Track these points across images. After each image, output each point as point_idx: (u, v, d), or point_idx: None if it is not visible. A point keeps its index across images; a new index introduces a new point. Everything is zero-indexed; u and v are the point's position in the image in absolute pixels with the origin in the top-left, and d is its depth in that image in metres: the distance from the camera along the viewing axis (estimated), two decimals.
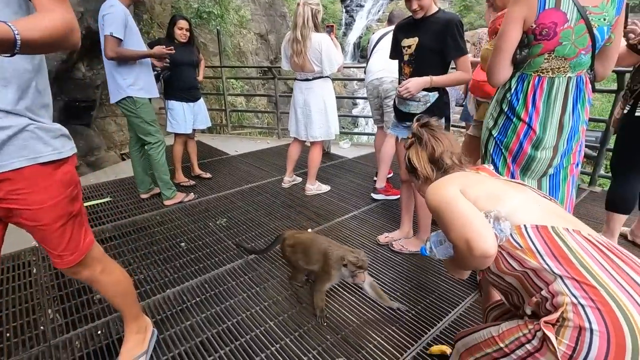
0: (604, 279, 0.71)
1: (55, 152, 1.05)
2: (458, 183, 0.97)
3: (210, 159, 4.35)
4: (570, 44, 1.38)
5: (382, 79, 2.95)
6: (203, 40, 8.31)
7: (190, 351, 1.58)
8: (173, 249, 2.40)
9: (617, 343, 0.65)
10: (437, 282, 2.03)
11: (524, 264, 0.83)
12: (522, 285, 0.86)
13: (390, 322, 1.73)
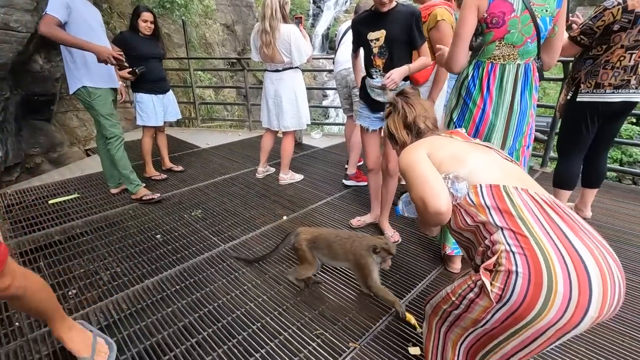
0: (536, 230, 0.83)
1: None
2: (427, 147, 1.07)
3: (181, 152, 4.30)
4: (518, 32, 1.55)
5: (350, 69, 3.04)
6: (167, 31, 8.05)
7: (174, 335, 1.63)
8: (149, 241, 2.40)
9: (535, 282, 0.78)
10: (405, 259, 2.19)
11: (475, 218, 0.95)
12: (475, 238, 0.98)
13: (363, 297, 1.86)
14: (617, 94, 2.12)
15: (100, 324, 1.69)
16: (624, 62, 2.05)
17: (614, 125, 2.28)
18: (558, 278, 0.76)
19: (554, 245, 0.80)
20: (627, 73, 2.07)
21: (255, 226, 2.58)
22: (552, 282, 0.76)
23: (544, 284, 0.77)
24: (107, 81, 2.64)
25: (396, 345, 1.57)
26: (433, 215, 0.94)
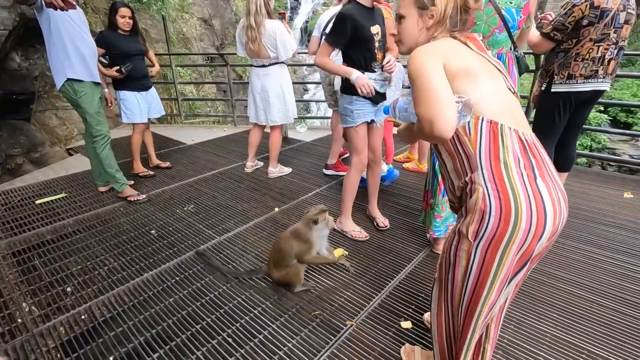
0: (514, 175, 0.94)
1: None
2: (443, 53, 0.98)
3: (167, 149, 4.29)
4: (484, 24, 1.68)
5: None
6: (144, 26, 7.86)
7: (178, 322, 1.70)
8: (143, 237, 2.44)
9: (505, 219, 0.92)
10: (394, 244, 2.32)
11: (464, 147, 0.99)
12: (454, 165, 1.03)
13: (356, 279, 1.98)
14: (587, 84, 2.29)
15: (105, 316, 1.74)
16: (592, 54, 2.22)
17: (583, 113, 2.46)
18: (523, 217, 0.91)
19: (525, 190, 0.93)
20: (595, 64, 2.24)
21: (248, 218, 2.65)
22: (518, 219, 0.91)
23: (511, 221, 0.92)
24: (88, 75, 2.61)
25: (389, 320, 1.70)
26: (435, 138, 0.92)
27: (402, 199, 2.93)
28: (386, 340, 1.59)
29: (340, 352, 1.53)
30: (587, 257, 2.15)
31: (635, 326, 1.64)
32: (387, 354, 1.52)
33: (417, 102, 0.95)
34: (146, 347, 1.57)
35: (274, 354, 1.53)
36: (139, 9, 7.38)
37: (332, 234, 2.42)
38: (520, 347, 1.54)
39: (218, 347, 1.57)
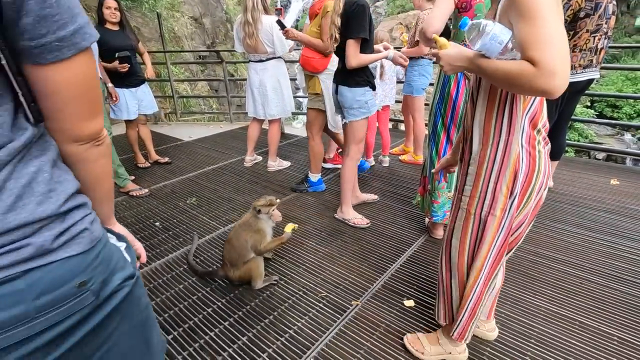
0: (540, 138, 1.05)
1: None
2: None
3: (165, 145, 4.31)
4: (483, 16, 1.77)
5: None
6: (136, 25, 7.84)
7: (190, 307, 1.76)
8: (148, 229, 2.48)
9: (530, 177, 1.05)
10: (394, 230, 2.40)
11: (514, 107, 1.00)
12: (486, 126, 1.06)
13: (360, 263, 2.06)
14: (584, 73, 2.40)
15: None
16: (589, 45, 2.33)
17: (574, 102, 2.58)
18: (542, 175, 1.07)
19: (544, 153, 1.07)
20: (592, 54, 2.35)
21: None
22: (539, 176, 1.06)
23: (534, 178, 1.06)
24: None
25: (393, 300, 1.78)
26: (543, 92, 0.82)
27: (400, 189, 3.02)
28: (391, 317, 1.67)
29: (348, 329, 1.61)
30: (577, 238, 2.27)
31: (622, 299, 1.75)
32: (392, 329, 1.60)
33: (535, 44, 0.79)
34: (161, 330, 1.62)
35: (284, 333, 1.60)
36: (131, 7, 7.36)
37: (334, 223, 2.50)
38: (517, 321, 1.63)
39: (230, 327, 1.63)
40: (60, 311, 0.49)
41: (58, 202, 0.50)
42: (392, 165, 3.52)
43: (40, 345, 0.48)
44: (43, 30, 0.46)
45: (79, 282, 0.51)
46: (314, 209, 2.71)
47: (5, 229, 0.44)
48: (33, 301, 0.46)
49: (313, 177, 2.96)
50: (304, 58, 2.67)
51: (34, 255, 0.46)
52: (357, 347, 1.51)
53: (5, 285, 0.44)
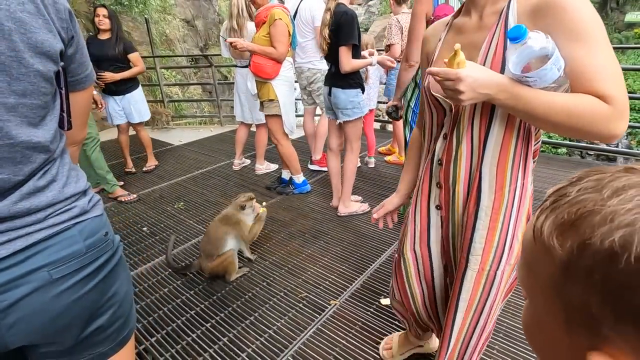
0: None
1: None
2: None
3: (155, 150, 4.33)
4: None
5: (306, 65, 3.12)
6: (126, 29, 7.86)
7: (174, 310, 1.81)
8: (135, 234, 2.53)
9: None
10: (374, 231, 2.46)
11: (529, 145, 0.88)
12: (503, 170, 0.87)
13: (340, 263, 2.12)
14: None
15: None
16: None
17: None
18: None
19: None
20: None
21: None
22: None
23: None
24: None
25: (370, 298, 1.84)
26: (608, 137, 0.68)
27: (384, 190, 3.08)
28: (367, 316, 1.73)
29: (325, 328, 1.67)
30: None
31: None
32: (367, 327, 1.66)
33: (606, 76, 0.65)
34: (144, 333, 1.68)
35: (264, 333, 1.66)
36: (121, 12, 7.37)
37: (318, 224, 2.56)
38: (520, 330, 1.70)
39: (211, 329, 1.69)
40: (97, 250, 0.71)
41: (83, 183, 0.73)
42: (378, 167, 3.59)
43: (84, 275, 0.68)
44: (79, 71, 0.74)
45: (104, 232, 0.74)
46: (299, 211, 2.77)
47: (63, 197, 0.67)
48: (83, 242, 0.68)
49: (297, 179, 3.02)
50: (255, 64, 2.63)
51: (79, 214, 0.69)
52: (333, 345, 1.58)
53: (65, 232, 0.66)
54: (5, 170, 0.58)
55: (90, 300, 0.70)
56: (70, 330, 0.69)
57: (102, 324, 0.74)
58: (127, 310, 0.81)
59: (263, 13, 2.60)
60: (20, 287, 0.60)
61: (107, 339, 0.76)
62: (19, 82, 0.57)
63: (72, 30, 0.66)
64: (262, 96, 2.79)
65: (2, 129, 0.56)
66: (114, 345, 0.78)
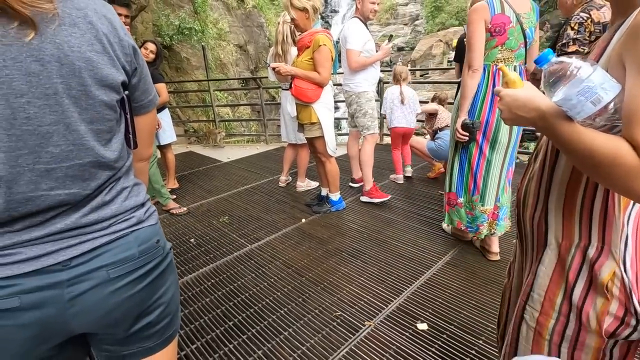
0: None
1: None
2: None
3: (205, 166, 4.65)
4: (514, 39, 1.91)
5: (350, 88, 3.11)
6: (186, 55, 8.60)
7: (214, 319, 1.90)
8: (183, 245, 2.70)
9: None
10: (414, 252, 2.41)
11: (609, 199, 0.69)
12: (569, 222, 0.73)
13: (377, 284, 2.09)
14: None
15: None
16: None
17: None
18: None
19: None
20: None
21: (277, 228, 2.86)
22: None
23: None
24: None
25: (406, 322, 1.79)
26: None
27: (424, 209, 3.01)
28: (402, 340, 1.69)
29: (358, 349, 1.65)
30: None
31: None
32: (402, 351, 1.62)
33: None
34: (186, 340, 1.78)
35: (297, 349, 1.67)
36: (182, 40, 8.09)
37: (355, 242, 2.56)
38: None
39: (248, 341, 1.74)
40: (149, 255, 0.79)
41: (142, 197, 0.84)
42: (414, 185, 3.53)
43: (137, 276, 0.77)
44: (142, 97, 0.83)
45: (156, 240, 0.82)
46: (337, 229, 2.79)
47: (124, 209, 0.77)
48: (138, 247, 0.77)
49: (334, 197, 3.06)
50: (297, 89, 2.73)
51: (136, 223, 0.79)
52: None
53: (123, 238, 0.76)
54: (75, 185, 0.68)
55: (141, 298, 0.78)
56: (123, 323, 0.78)
57: (151, 320, 0.82)
58: (174, 310, 0.89)
59: (307, 38, 2.72)
60: (84, 282, 0.70)
61: (154, 335, 0.84)
62: (87, 111, 0.67)
63: (135, 63, 0.77)
64: (304, 119, 2.86)
65: (73, 152, 0.67)
66: (161, 342, 0.86)
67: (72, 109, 0.65)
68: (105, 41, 0.68)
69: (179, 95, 7.71)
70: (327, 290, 2.08)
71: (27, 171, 0.63)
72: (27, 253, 0.65)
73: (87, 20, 0.66)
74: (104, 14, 0.70)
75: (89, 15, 0.66)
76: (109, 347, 0.82)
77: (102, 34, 0.68)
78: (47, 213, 0.67)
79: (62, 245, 0.68)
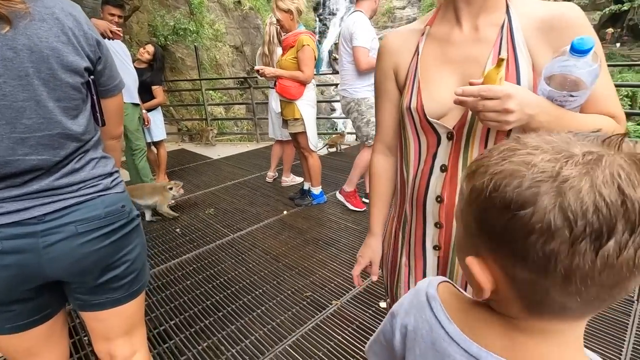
0: None
1: None
2: None
3: (195, 163, 4.78)
4: None
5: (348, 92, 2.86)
6: (180, 55, 8.73)
7: (194, 299, 2.03)
8: (169, 234, 2.84)
9: None
10: None
11: None
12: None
13: (349, 269, 2.23)
14: None
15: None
16: None
17: None
18: None
19: None
20: None
21: (260, 220, 2.99)
22: None
23: None
24: (129, 97, 3.05)
25: (370, 301, 1.93)
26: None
27: None
28: (365, 316, 1.83)
29: (324, 324, 1.79)
30: None
31: (598, 314, 1.77)
32: (364, 326, 1.76)
33: (614, 98, 0.71)
34: (165, 316, 1.91)
35: (267, 324, 1.81)
36: (177, 41, 8.22)
37: (332, 232, 2.70)
38: None
39: (223, 318, 1.88)
40: (114, 216, 0.93)
41: (110, 167, 0.97)
42: None
43: (102, 233, 0.90)
44: (108, 82, 0.96)
45: (121, 205, 0.95)
46: (317, 220, 2.93)
47: (92, 177, 0.91)
48: (104, 209, 0.91)
49: (315, 190, 3.20)
50: (281, 86, 2.85)
51: (103, 189, 0.92)
52: (328, 339, 1.69)
53: (92, 200, 0.90)
54: (47, 153, 0.82)
55: (106, 252, 0.92)
56: (91, 273, 0.91)
57: (117, 274, 0.95)
58: (139, 268, 1.02)
59: (291, 38, 2.87)
60: (56, 234, 0.84)
61: (121, 287, 0.97)
62: (55, 91, 0.81)
63: (100, 53, 0.91)
64: (287, 115, 3.02)
65: (43, 124, 0.81)
66: (127, 294, 0.99)
67: (41, 88, 0.79)
68: (70, 34, 0.82)
69: (172, 94, 7.84)
70: (301, 274, 2.22)
71: (5, 139, 0.77)
72: (8, 207, 0.80)
73: (54, 17, 0.80)
74: (70, 12, 0.84)
75: (56, 13, 0.81)
76: (81, 297, 0.95)
77: (68, 28, 0.82)
78: (25, 176, 0.81)
79: (37, 203, 0.82)
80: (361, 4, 2.72)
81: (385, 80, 0.89)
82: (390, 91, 0.88)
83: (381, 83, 0.90)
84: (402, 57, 0.84)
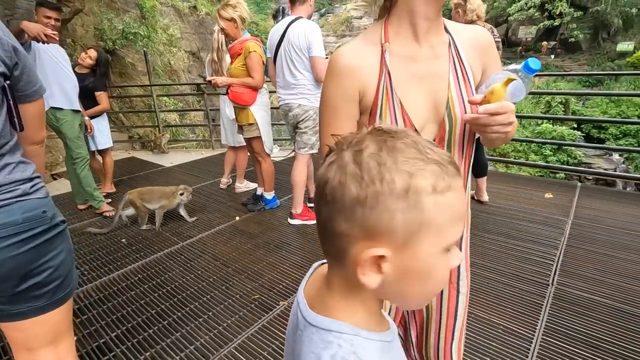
0: None
1: None
2: None
3: (146, 171, 4.62)
4: None
5: (288, 102, 2.79)
6: (131, 60, 8.40)
7: (137, 310, 1.98)
8: (114, 245, 2.73)
9: None
10: None
11: None
12: None
13: (297, 269, 2.28)
14: None
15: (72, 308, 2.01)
16: None
17: None
18: None
19: None
20: None
21: (211, 226, 2.97)
22: None
23: None
24: (68, 103, 2.93)
25: None
26: None
27: None
28: None
29: (271, 325, 1.82)
30: (499, 245, 2.49)
31: (516, 294, 1.96)
32: None
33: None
34: (105, 328, 1.85)
35: (214, 329, 1.81)
36: (126, 45, 7.92)
37: (283, 236, 2.74)
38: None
39: (168, 326, 1.85)
40: (33, 222, 0.92)
41: (29, 173, 0.96)
42: None
43: (20, 239, 0.89)
44: (27, 88, 0.97)
45: (42, 210, 0.94)
46: (268, 225, 2.97)
47: (9, 181, 0.90)
48: (21, 214, 0.90)
49: (268, 195, 3.23)
50: (234, 93, 2.89)
51: (21, 194, 0.91)
52: (273, 339, 1.73)
53: (9, 206, 0.88)
54: None
55: (25, 259, 0.90)
56: (9, 280, 0.89)
57: (39, 281, 0.93)
58: (64, 274, 1.00)
59: (237, 46, 2.90)
60: None
61: (44, 295, 0.96)
62: None
63: (16, 58, 0.91)
64: (242, 120, 3.03)
65: None
66: (50, 302, 0.97)
67: None
68: None
69: (122, 100, 7.52)
70: (250, 277, 2.24)
71: None
72: None
73: None
74: None
75: None
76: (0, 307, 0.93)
77: None
78: None
79: None
80: (298, 10, 2.70)
81: (346, 103, 0.83)
82: (351, 111, 0.84)
83: (340, 105, 0.83)
84: (368, 77, 0.80)
